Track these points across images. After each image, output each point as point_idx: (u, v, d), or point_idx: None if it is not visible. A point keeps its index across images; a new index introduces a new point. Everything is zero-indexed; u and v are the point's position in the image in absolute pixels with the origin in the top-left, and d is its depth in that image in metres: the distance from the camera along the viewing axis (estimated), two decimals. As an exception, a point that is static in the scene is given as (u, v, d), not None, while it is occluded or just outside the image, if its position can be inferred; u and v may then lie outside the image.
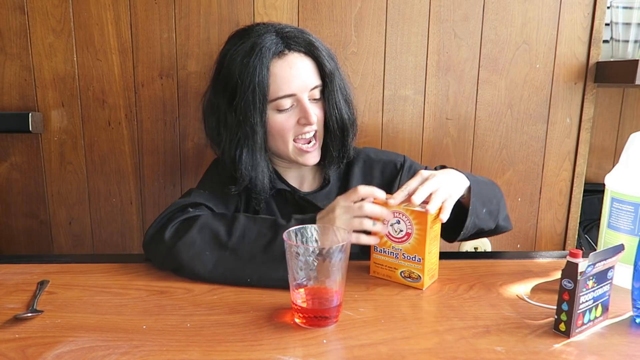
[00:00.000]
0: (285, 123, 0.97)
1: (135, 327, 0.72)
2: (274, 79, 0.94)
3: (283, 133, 0.98)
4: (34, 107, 1.30)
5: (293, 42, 0.96)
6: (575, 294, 0.68)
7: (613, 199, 0.87)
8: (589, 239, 1.57)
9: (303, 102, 0.96)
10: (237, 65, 0.95)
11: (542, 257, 1.01)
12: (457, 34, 1.31)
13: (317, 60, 0.98)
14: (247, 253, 0.85)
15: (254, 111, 0.94)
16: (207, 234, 0.87)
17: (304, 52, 0.97)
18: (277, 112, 0.97)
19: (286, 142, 0.99)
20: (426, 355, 0.66)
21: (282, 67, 0.95)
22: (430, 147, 1.37)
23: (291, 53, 0.96)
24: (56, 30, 1.27)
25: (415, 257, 0.84)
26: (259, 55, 0.93)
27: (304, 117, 0.97)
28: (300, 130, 0.99)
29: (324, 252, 0.70)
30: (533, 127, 1.38)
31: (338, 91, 1.01)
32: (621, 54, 1.32)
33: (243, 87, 0.94)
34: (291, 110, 0.97)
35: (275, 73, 0.94)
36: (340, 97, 1.01)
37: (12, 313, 0.75)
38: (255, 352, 0.66)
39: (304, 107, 0.96)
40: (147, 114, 1.32)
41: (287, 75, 0.94)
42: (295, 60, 0.95)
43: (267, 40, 0.94)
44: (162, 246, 0.88)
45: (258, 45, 0.94)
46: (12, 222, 1.37)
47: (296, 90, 0.95)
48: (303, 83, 0.96)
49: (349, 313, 0.76)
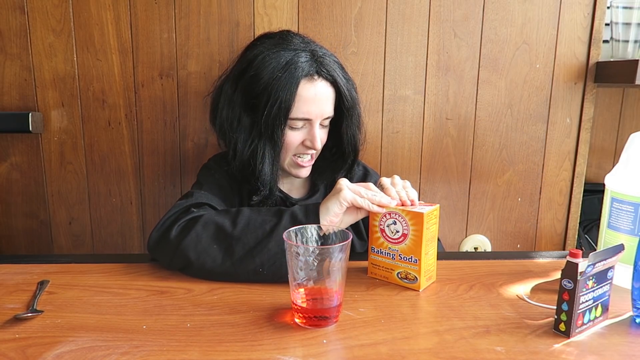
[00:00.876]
0: (292, 140, 1.02)
1: (135, 327, 0.72)
2: (298, 98, 0.98)
3: (287, 148, 1.03)
4: (34, 107, 1.30)
5: (324, 69, 1.00)
6: (575, 294, 0.68)
7: (613, 199, 0.87)
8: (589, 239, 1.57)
9: (314, 128, 1.02)
10: (268, 73, 0.97)
11: (542, 257, 1.01)
12: (457, 34, 1.31)
13: (339, 92, 1.03)
14: (253, 240, 0.85)
15: (278, 124, 0.99)
16: (212, 228, 0.88)
17: (330, 81, 1.01)
18: (290, 129, 1.02)
19: (285, 156, 1.05)
20: (426, 355, 0.66)
21: (308, 91, 0.98)
22: (430, 147, 1.37)
23: (320, 79, 1.00)
24: (56, 30, 1.27)
25: (411, 258, 0.84)
26: (292, 72, 0.96)
27: (311, 141, 1.02)
28: (302, 150, 1.04)
29: (324, 252, 0.70)
30: (533, 127, 1.38)
31: (355, 123, 1.07)
32: (621, 54, 1.32)
33: (270, 100, 0.97)
34: (301, 129, 1.02)
35: (300, 94, 0.98)
36: (355, 128, 1.08)
37: (12, 313, 0.75)
38: (255, 352, 0.66)
39: (313, 132, 1.02)
40: (147, 114, 1.32)
41: (311, 99, 0.99)
42: (321, 89, 1.00)
43: (302, 59, 0.98)
44: (169, 246, 0.88)
45: (293, 63, 0.97)
46: (12, 222, 1.37)
47: (313, 116, 1.00)
48: (321, 111, 1.01)
49: (349, 313, 0.76)
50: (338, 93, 1.03)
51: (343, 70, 1.05)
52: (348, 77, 1.06)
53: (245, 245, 0.85)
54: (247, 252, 0.85)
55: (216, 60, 1.29)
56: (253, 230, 0.86)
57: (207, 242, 0.86)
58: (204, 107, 1.32)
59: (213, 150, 1.33)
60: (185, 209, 0.93)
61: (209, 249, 0.86)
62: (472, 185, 1.40)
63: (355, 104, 1.06)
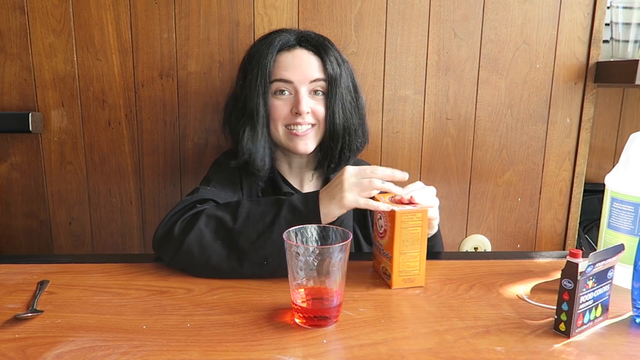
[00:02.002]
0: (279, 108, 1.03)
1: (135, 327, 0.72)
2: (277, 64, 1.02)
3: (275, 117, 1.04)
4: (34, 107, 1.30)
5: (305, 41, 1.05)
6: (575, 294, 0.68)
7: (613, 199, 0.87)
8: (589, 239, 1.57)
9: (298, 91, 1.02)
10: (251, 52, 1.07)
11: (542, 257, 1.01)
12: (457, 34, 1.31)
13: (322, 59, 1.04)
14: (255, 233, 0.85)
15: (256, 91, 1.02)
16: (214, 223, 0.88)
17: (313, 51, 1.04)
18: (275, 97, 1.04)
19: (276, 127, 1.04)
20: (426, 355, 0.66)
21: (286, 57, 1.03)
22: (430, 147, 1.37)
23: (299, 48, 1.04)
24: (56, 30, 1.27)
25: (388, 254, 0.85)
26: (272, 44, 1.03)
27: (295, 106, 1.02)
28: (292, 120, 1.03)
29: (324, 252, 0.70)
30: (533, 127, 1.38)
31: (339, 97, 1.04)
32: (621, 54, 1.32)
33: (250, 69, 1.03)
34: (288, 98, 1.03)
35: (279, 60, 1.03)
36: (338, 104, 1.04)
37: (12, 313, 0.75)
38: (255, 352, 0.66)
39: (297, 95, 1.02)
40: (147, 114, 1.32)
41: (289, 63, 1.02)
42: (300, 54, 1.03)
43: (283, 36, 1.04)
44: (173, 243, 0.88)
45: (274, 39, 1.04)
46: (12, 222, 1.37)
47: (294, 79, 1.02)
48: (302, 74, 1.02)
49: (349, 313, 0.76)
50: (322, 61, 1.03)
51: (335, 50, 1.06)
52: (342, 58, 1.07)
53: (248, 239, 0.85)
54: (250, 245, 0.85)
55: (216, 60, 1.29)
56: (254, 222, 0.86)
57: (211, 238, 0.86)
58: (204, 107, 1.32)
59: (213, 150, 1.33)
60: (190, 206, 0.93)
61: (214, 244, 0.86)
62: (472, 185, 1.40)
63: (342, 74, 1.04)
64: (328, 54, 1.04)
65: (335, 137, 1.06)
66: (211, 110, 1.32)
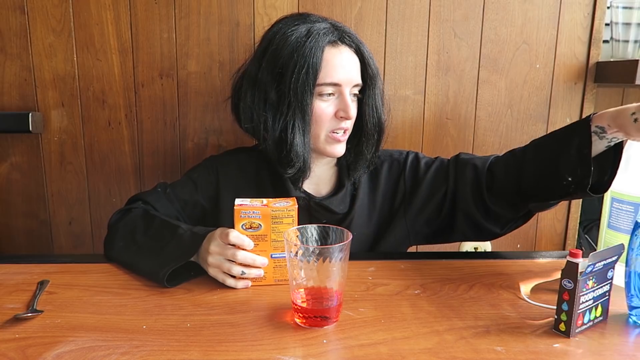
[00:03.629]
0: (323, 112, 0.97)
1: (135, 327, 0.72)
2: (325, 63, 0.95)
3: (320, 120, 0.97)
4: (34, 107, 1.30)
5: (346, 36, 0.98)
6: (575, 294, 0.68)
7: (613, 199, 0.87)
8: (589, 239, 1.57)
9: (344, 95, 0.97)
10: (292, 44, 0.95)
11: (542, 257, 1.01)
12: (457, 34, 1.31)
13: (363, 60, 0.99)
14: (147, 252, 0.93)
15: (306, 91, 0.94)
16: (130, 227, 0.99)
17: (354, 50, 0.99)
18: (319, 99, 0.97)
19: (319, 131, 0.98)
20: (426, 355, 0.66)
21: (334, 55, 0.96)
22: (430, 147, 1.37)
23: (343, 45, 0.97)
24: (56, 30, 1.27)
25: None
26: (315, 38, 0.95)
27: (344, 110, 0.97)
28: (336, 124, 0.99)
29: (324, 252, 0.70)
30: (533, 127, 1.38)
31: (378, 95, 1.02)
32: (621, 54, 1.32)
33: (297, 67, 0.94)
34: (331, 99, 0.97)
35: (327, 59, 0.95)
36: (379, 101, 1.02)
37: (12, 313, 0.75)
38: (255, 352, 0.66)
39: (344, 99, 0.97)
40: (147, 114, 1.32)
41: (337, 63, 0.96)
42: (347, 55, 0.97)
43: (322, 27, 0.96)
44: (108, 228, 1.05)
45: (314, 30, 0.95)
46: (12, 222, 1.37)
47: (342, 81, 0.96)
48: (349, 76, 0.97)
49: (349, 313, 0.76)
50: (362, 62, 0.99)
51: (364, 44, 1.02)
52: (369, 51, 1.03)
53: (138, 253, 0.93)
54: (134, 258, 0.93)
55: (216, 60, 1.29)
56: (151, 244, 0.93)
57: (121, 235, 0.98)
58: (204, 107, 1.32)
59: (213, 150, 1.33)
60: (134, 199, 1.07)
61: (119, 241, 0.97)
62: (472, 185, 1.40)
63: (378, 73, 1.02)
64: (366, 52, 1.00)
65: (368, 139, 1.02)
66: (211, 110, 1.32)
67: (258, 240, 0.84)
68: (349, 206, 1.06)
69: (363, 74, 1.00)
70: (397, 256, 1.01)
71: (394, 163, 1.09)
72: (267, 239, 0.84)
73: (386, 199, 1.08)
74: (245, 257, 0.83)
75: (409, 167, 1.08)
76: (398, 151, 1.12)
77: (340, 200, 1.06)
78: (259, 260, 0.84)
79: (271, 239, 0.84)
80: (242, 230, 0.83)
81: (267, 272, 0.86)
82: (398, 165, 1.09)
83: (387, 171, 1.09)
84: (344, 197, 1.06)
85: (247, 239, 0.83)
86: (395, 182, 1.08)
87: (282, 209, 0.83)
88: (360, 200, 1.07)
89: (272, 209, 0.83)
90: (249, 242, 0.84)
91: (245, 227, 0.83)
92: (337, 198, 1.06)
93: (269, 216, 0.83)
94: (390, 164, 1.09)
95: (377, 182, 1.08)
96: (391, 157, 1.10)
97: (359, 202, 1.06)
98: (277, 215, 0.83)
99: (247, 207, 0.83)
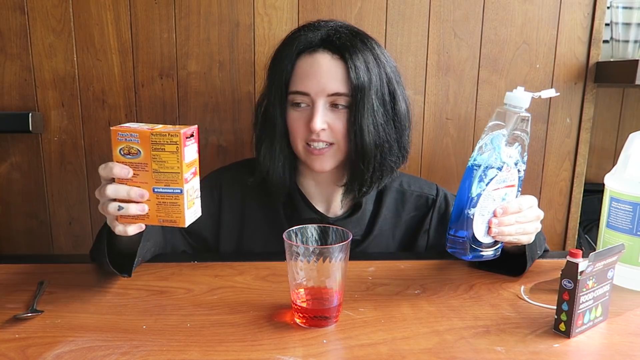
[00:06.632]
0: (296, 121, 0.93)
1: (135, 327, 0.72)
2: (295, 72, 0.92)
3: (293, 131, 0.94)
4: (34, 107, 1.30)
5: (330, 42, 0.91)
6: (575, 294, 0.68)
7: (612, 199, 0.87)
8: (589, 239, 1.57)
9: (314, 105, 0.91)
10: (275, 51, 0.96)
11: (542, 257, 1.01)
12: (457, 34, 1.31)
13: (347, 65, 0.89)
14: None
15: (274, 102, 0.93)
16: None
17: (339, 56, 0.90)
18: (292, 108, 0.93)
19: (296, 141, 0.95)
20: (426, 355, 0.66)
21: (305, 63, 0.91)
22: (430, 147, 1.37)
23: (321, 52, 0.91)
24: (56, 30, 1.27)
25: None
26: (290, 48, 0.92)
27: (309, 122, 0.90)
28: (309, 136, 0.92)
29: (324, 252, 0.70)
30: (533, 127, 1.38)
31: (367, 110, 0.90)
32: (621, 54, 1.32)
33: (270, 78, 0.95)
34: (306, 110, 0.92)
35: (298, 66, 0.92)
36: (367, 118, 0.90)
37: (12, 313, 0.75)
38: (255, 352, 0.66)
39: (312, 110, 0.91)
40: (147, 114, 1.32)
41: (306, 72, 0.90)
42: (322, 61, 0.90)
43: (309, 36, 0.92)
44: None
45: (296, 40, 0.93)
46: (12, 222, 1.37)
47: (310, 91, 0.90)
48: (320, 86, 0.89)
49: (349, 313, 0.76)
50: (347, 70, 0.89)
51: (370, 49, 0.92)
52: (378, 60, 0.92)
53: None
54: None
55: (216, 60, 1.29)
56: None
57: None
58: (204, 107, 1.32)
59: (213, 150, 1.34)
60: None
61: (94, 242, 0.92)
62: (472, 185, 1.40)
63: (370, 86, 0.90)
64: (355, 57, 0.89)
65: (365, 158, 0.92)
66: (211, 110, 1.32)
67: (138, 170, 0.72)
68: (366, 230, 1.04)
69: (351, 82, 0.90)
70: (397, 256, 1.01)
71: (422, 198, 1.08)
72: (147, 168, 0.72)
73: (409, 230, 1.08)
74: (117, 189, 0.72)
75: (437, 209, 1.08)
76: (429, 185, 1.11)
77: (355, 222, 1.03)
78: (134, 192, 0.72)
79: (152, 168, 0.72)
80: (119, 156, 0.72)
81: (151, 210, 0.73)
82: (426, 203, 1.08)
83: (414, 203, 1.08)
84: (360, 219, 1.03)
85: (117, 166, 0.71)
86: (420, 219, 1.08)
87: (164, 133, 0.71)
88: (379, 226, 1.04)
89: (153, 132, 0.71)
90: (120, 170, 0.71)
91: (124, 153, 0.71)
92: (352, 220, 1.03)
93: (148, 140, 0.71)
94: (419, 197, 1.08)
95: (400, 214, 1.07)
96: (421, 189, 1.09)
97: (377, 227, 1.04)
98: (158, 141, 0.71)
99: (125, 129, 0.71)
